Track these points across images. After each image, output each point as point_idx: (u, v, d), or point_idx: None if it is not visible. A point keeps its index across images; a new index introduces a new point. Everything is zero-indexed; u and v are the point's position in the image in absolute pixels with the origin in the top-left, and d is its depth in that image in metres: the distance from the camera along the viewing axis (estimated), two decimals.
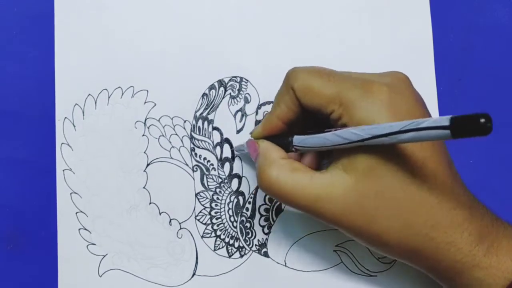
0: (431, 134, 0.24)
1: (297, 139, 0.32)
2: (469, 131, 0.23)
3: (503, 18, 0.41)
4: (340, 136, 0.29)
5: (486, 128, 0.22)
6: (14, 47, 0.39)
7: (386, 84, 0.31)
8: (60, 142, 0.38)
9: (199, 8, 0.40)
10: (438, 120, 0.24)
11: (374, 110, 0.30)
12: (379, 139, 0.27)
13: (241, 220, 0.39)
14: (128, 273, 0.38)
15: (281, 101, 0.33)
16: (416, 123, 0.25)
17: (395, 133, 0.26)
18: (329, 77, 0.31)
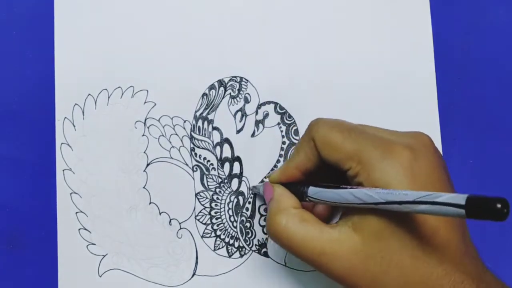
0: (445, 210, 0.24)
1: (312, 190, 0.32)
2: (484, 214, 0.23)
3: (503, 18, 0.41)
4: (354, 195, 0.29)
5: (502, 214, 0.22)
6: (14, 47, 0.39)
7: (408, 147, 0.30)
8: (60, 142, 0.38)
9: (199, 8, 0.40)
10: (454, 197, 0.24)
11: (392, 173, 0.29)
12: (392, 205, 0.27)
13: (241, 220, 0.39)
14: (128, 273, 0.38)
15: (301, 150, 0.33)
16: (432, 196, 0.25)
17: (409, 203, 0.26)
18: (350, 132, 0.31)
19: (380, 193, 0.28)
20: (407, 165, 0.29)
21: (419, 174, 0.29)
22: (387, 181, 0.29)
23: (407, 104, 0.40)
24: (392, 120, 0.39)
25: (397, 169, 0.29)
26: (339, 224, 0.31)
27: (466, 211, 0.23)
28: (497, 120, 0.41)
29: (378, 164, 0.30)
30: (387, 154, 0.30)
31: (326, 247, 0.30)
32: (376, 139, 0.31)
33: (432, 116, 0.40)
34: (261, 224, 0.39)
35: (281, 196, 0.33)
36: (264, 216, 0.39)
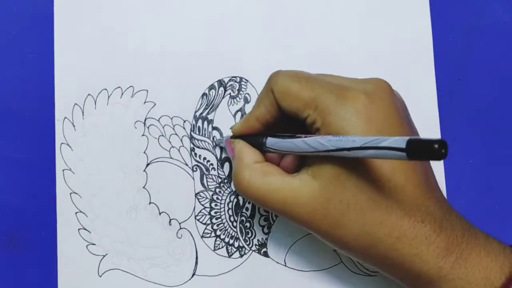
0: (389, 154, 0.25)
1: (270, 141, 0.33)
2: (424, 155, 0.24)
3: (503, 18, 0.41)
4: (307, 143, 0.29)
5: (440, 154, 0.23)
6: (14, 47, 0.39)
7: (364, 91, 0.31)
8: (60, 142, 0.38)
9: (199, 8, 0.40)
10: (396, 141, 0.25)
11: (346, 118, 0.30)
12: (342, 152, 0.27)
13: (241, 220, 0.39)
14: (128, 273, 0.38)
15: (261, 102, 0.33)
16: (376, 142, 0.26)
17: (356, 149, 0.26)
18: (307, 81, 0.31)
19: (331, 140, 0.28)
20: (362, 109, 0.30)
21: (375, 117, 0.30)
22: (342, 126, 0.30)
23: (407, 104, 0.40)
24: None
25: (351, 113, 0.30)
26: (300, 173, 0.32)
27: (407, 153, 0.24)
28: (497, 120, 0.41)
29: (334, 109, 0.30)
30: (342, 99, 0.30)
31: (288, 195, 0.31)
32: (332, 86, 0.31)
33: (432, 116, 0.40)
34: (261, 224, 0.39)
35: (242, 152, 0.34)
36: (264, 216, 0.39)
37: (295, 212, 0.31)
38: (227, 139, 0.36)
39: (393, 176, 0.29)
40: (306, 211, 0.31)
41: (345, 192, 0.30)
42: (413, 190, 0.30)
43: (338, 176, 0.30)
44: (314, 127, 0.31)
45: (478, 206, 0.39)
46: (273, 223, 0.39)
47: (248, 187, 0.32)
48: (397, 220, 0.29)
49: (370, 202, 0.29)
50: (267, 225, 0.39)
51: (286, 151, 0.32)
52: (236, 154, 0.34)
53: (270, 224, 0.39)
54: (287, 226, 0.39)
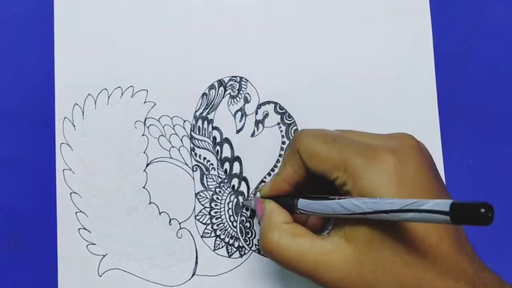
0: (430, 218, 0.24)
1: (301, 202, 0.32)
2: (469, 219, 0.23)
3: (503, 18, 0.41)
4: (342, 206, 0.29)
5: (486, 219, 0.22)
6: (14, 47, 0.39)
7: (392, 151, 0.30)
8: (60, 142, 0.38)
9: (199, 8, 0.40)
10: (438, 204, 0.24)
11: (377, 180, 0.29)
12: (379, 215, 0.27)
13: (241, 220, 0.39)
14: (128, 273, 0.38)
15: (287, 164, 0.33)
16: (417, 204, 0.25)
17: (395, 211, 0.26)
18: (334, 142, 0.31)
19: (367, 202, 0.28)
20: (392, 170, 0.29)
21: (405, 178, 0.30)
22: (374, 188, 0.29)
23: (407, 104, 0.40)
24: (392, 120, 0.39)
25: (382, 175, 0.29)
26: (331, 235, 0.31)
27: (451, 217, 0.23)
28: (497, 120, 0.41)
29: (364, 171, 0.30)
30: (371, 160, 0.30)
31: (320, 259, 0.30)
32: (360, 146, 0.31)
33: (432, 116, 0.40)
34: None
35: (272, 212, 0.33)
36: None
37: (327, 277, 0.30)
38: (257, 198, 0.36)
39: (427, 236, 0.29)
40: (339, 276, 0.30)
41: (380, 255, 0.29)
42: (447, 249, 0.29)
43: (372, 239, 0.29)
44: (344, 189, 0.31)
45: None
46: None
47: (276, 249, 0.31)
48: (432, 281, 0.29)
49: (406, 264, 0.29)
50: None
51: (319, 213, 0.31)
52: (266, 214, 0.33)
53: None
54: None
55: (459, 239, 0.30)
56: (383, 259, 0.29)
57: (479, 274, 0.30)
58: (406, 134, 0.32)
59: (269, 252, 0.32)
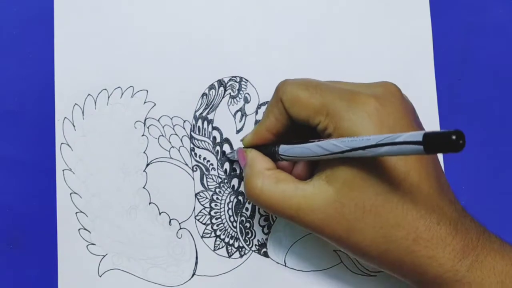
0: (405, 149, 0.25)
1: (282, 148, 0.33)
2: (441, 147, 0.23)
3: (503, 18, 0.41)
4: (321, 147, 0.29)
5: (458, 145, 0.23)
6: (14, 47, 0.39)
7: (374, 95, 0.31)
8: (60, 142, 0.38)
9: (199, 8, 0.40)
10: (412, 135, 0.24)
11: (359, 122, 0.30)
12: (357, 151, 0.27)
13: (241, 220, 0.39)
14: (128, 273, 0.38)
15: (270, 112, 0.33)
16: (392, 138, 0.25)
17: (371, 147, 0.26)
18: (316, 88, 0.32)
19: (345, 141, 0.28)
20: (373, 112, 0.30)
21: (386, 120, 0.30)
22: (354, 130, 0.30)
23: None
24: None
25: (363, 117, 0.30)
26: (313, 179, 0.31)
27: (424, 146, 0.23)
28: (497, 120, 0.41)
29: (345, 114, 0.30)
30: (352, 103, 0.30)
31: (302, 202, 0.31)
32: (342, 91, 0.31)
33: (432, 116, 0.40)
34: (261, 224, 0.39)
35: (254, 159, 0.34)
36: (264, 216, 0.39)
37: (309, 219, 0.31)
38: (239, 149, 0.36)
39: (408, 176, 0.29)
40: (320, 217, 0.30)
41: (360, 195, 0.29)
42: (428, 190, 0.30)
43: (352, 180, 0.30)
44: (326, 133, 0.31)
45: (478, 205, 0.39)
46: (273, 223, 0.39)
47: (260, 194, 0.32)
48: (413, 222, 0.29)
49: (386, 203, 0.29)
50: (267, 225, 0.39)
51: (299, 157, 0.32)
52: (248, 162, 0.34)
53: (270, 224, 0.39)
54: (287, 226, 0.39)
55: (441, 184, 0.31)
56: (363, 200, 0.29)
57: (461, 219, 0.30)
58: (388, 82, 0.33)
59: (253, 198, 0.32)
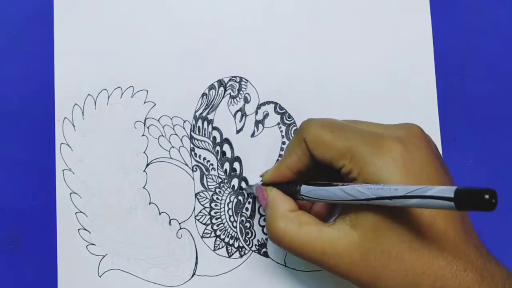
0: (435, 204, 0.24)
1: (304, 189, 0.32)
2: (473, 206, 0.23)
3: (503, 18, 0.41)
4: (346, 192, 0.29)
5: (490, 205, 0.22)
6: (13, 47, 0.39)
7: (399, 140, 0.30)
8: (60, 142, 0.38)
9: (199, 8, 0.40)
10: (443, 190, 0.24)
11: (384, 168, 0.29)
12: (384, 201, 0.27)
13: (241, 220, 0.39)
14: (127, 273, 0.38)
15: (292, 151, 0.33)
16: (422, 190, 0.25)
17: (399, 197, 0.26)
18: (341, 131, 0.31)
19: (371, 189, 0.28)
20: (399, 158, 0.30)
21: (411, 166, 0.30)
22: (380, 176, 0.29)
23: (407, 104, 0.40)
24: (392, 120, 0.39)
25: (388, 163, 0.29)
26: (337, 222, 0.31)
27: (456, 203, 0.23)
28: (497, 120, 0.41)
29: (370, 159, 0.30)
30: (378, 149, 0.30)
31: (327, 246, 0.30)
32: (366, 134, 0.31)
33: (432, 116, 0.40)
34: (261, 224, 0.39)
35: (275, 200, 0.33)
36: (264, 216, 0.39)
37: (334, 263, 0.30)
38: (258, 186, 0.36)
39: (434, 223, 0.29)
40: (345, 262, 0.30)
41: (386, 241, 0.29)
42: (454, 236, 0.29)
43: (378, 226, 0.29)
44: (350, 177, 0.31)
45: None
46: None
47: (284, 237, 0.32)
48: (439, 270, 0.29)
49: (412, 251, 0.29)
50: None
51: (322, 199, 0.31)
52: (270, 203, 0.33)
53: None
54: None
55: (466, 229, 0.30)
56: (388, 246, 0.29)
57: (487, 265, 0.30)
58: (412, 124, 0.32)
59: (277, 241, 0.32)
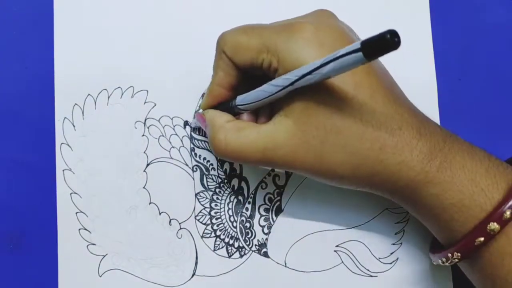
0: (347, 61, 0.25)
1: (238, 98, 0.33)
2: (379, 49, 0.24)
3: (503, 18, 0.41)
4: (273, 84, 0.30)
5: (394, 43, 0.24)
6: (13, 47, 0.39)
7: (309, 21, 0.31)
8: (60, 142, 0.38)
9: (199, 8, 0.40)
10: (351, 46, 0.25)
11: (298, 49, 0.30)
12: (306, 78, 0.28)
13: (241, 220, 0.39)
14: (128, 273, 0.38)
15: (217, 67, 0.34)
16: (334, 54, 0.26)
17: (317, 68, 0.27)
18: (253, 30, 0.32)
19: (294, 72, 0.29)
20: (310, 37, 0.30)
21: (324, 42, 0.30)
22: (297, 58, 0.30)
23: None
24: None
25: (302, 43, 0.30)
26: (273, 118, 0.32)
27: (364, 53, 0.24)
28: (497, 121, 0.41)
29: (284, 45, 0.30)
30: (289, 33, 0.31)
31: (267, 141, 0.31)
32: (278, 26, 0.32)
33: (433, 116, 0.40)
34: (261, 224, 0.39)
35: (213, 117, 0.34)
36: (264, 216, 0.39)
37: (277, 156, 0.31)
38: (197, 113, 0.37)
39: (359, 91, 0.30)
40: (287, 150, 0.31)
41: (318, 119, 0.30)
42: (382, 99, 0.30)
43: (308, 107, 0.30)
44: (272, 69, 0.31)
45: None
46: (273, 223, 0.39)
47: (226, 147, 0.32)
48: (374, 131, 0.30)
49: (345, 120, 0.30)
50: (267, 225, 0.39)
51: (255, 102, 0.32)
52: (208, 122, 0.34)
53: (270, 224, 0.39)
54: (287, 226, 0.39)
55: (396, 93, 0.32)
56: (322, 122, 0.30)
57: (424, 124, 0.31)
58: (322, 9, 0.33)
59: (220, 153, 0.32)
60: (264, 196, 0.39)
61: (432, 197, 0.31)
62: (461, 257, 0.31)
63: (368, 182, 0.32)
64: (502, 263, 0.30)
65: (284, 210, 0.39)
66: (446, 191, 0.30)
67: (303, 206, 0.39)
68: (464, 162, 0.31)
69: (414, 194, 0.31)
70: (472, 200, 0.30)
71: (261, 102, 0.31)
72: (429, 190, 0.31)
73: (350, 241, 0.38)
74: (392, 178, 0.31)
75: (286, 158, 0.31)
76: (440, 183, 0.30)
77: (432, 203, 0.31)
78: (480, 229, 0.30)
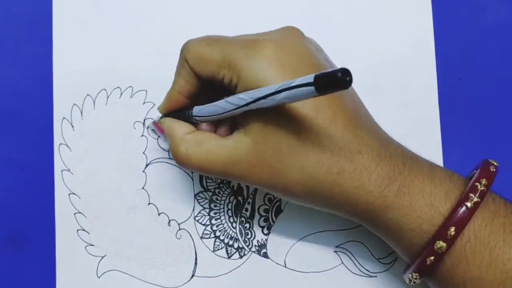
0: (300, 92, 0.25)
1: (195, 109, 0.33)
2: (331, 86, 0.24)
3: (503, 18, 0.41)
4: (229, 102, 0.30)
5: (345, 82, 0.24)
6: (12, 47, 0.39)
7: (271, 39, 0.31)
8: (58, 143, 0.38)
9: (199, 8, 0.40)
10: (304, 78, 0.25)
11: (258, 68, 0.30)
12: (260, 101, 0.28)
13: (241, 220, 0.39)
14: (126, 274, 0.38)
15: (178, 75, 0.34)
16: (288, 83, 0.26)
17: (272, 94, 0.27)
18: (216, 42, 0.32)
19: (250, 93, 0.28)
20: (272, 56, 0.30)
21: (287, 62, 0.30)
22: (256, 77, 0.30)
23: (407, 104, 0.40)
24: (393, 120, 0.39)
25: (262, 62, 0.30)
26: (233, 134, 0.32)
27: (316, 87, 0.24)
28: (498, 121, 0.41)
29: (245, 62, 0.30)
30: (251, 50, 0.30)
31: (226, 156, 0.31)
32: (242, 41, 0.31)
33: (433, 116, 0.40)
34: (261, 224, 0.39)
35: (171, 128, 0.34)
36: (264, 217, 0.39)
37: (235, 171, 0.31)
38: (153, 121, 0.37)
39: (319, 114, 0.30)
40: (245, 166, 0.31)
41: (275, 140, 0.30)
42: (343, 123, 0.30)
43: (265, 127, 0.30)
44: (232, 86, 0.31)
45: None
46: (273, 224, 0.39)
47: (188, 159, 0.32)
48: (332, 156, 0.30)
49: (302, 143, 0.30)
50: (267, 226, 0.39)
51: (212, 115, 0.32)
52: (166, 132, 0.34)
53: (270, 225, 0.39)
54: (287, 227, 0.38)
55: (359, 116, 0.31)
56: (278, 143, 0.30)
57: (385, 146, 0.31)
58: (289, 26, 0.33)
59: (183, 165, 0.33)
60: (263, 197, 0.39)
61: (391, 222, 0.31)
62: (420, 276, 0.31)
63: (325, 203, 0.32)
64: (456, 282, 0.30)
65: (283, 210, 0.39)
66: (404, 216, 0.30)
67: (303, 206, 0.39)
68: (423, 186, 0.30)
69: (373, 218, 0.31)
70: (431, 225, 0.30)
71: (216, 117, 0.32)
72: (388, 214, 0.31)
73: (349, 241, 0.38)
74: (351, 202, 0.31)
75: (243, 173, 0.31)
76: (399, 208, 0.30)
77: (392, 227, 0.31)
78: (429, 248, 0.30)
